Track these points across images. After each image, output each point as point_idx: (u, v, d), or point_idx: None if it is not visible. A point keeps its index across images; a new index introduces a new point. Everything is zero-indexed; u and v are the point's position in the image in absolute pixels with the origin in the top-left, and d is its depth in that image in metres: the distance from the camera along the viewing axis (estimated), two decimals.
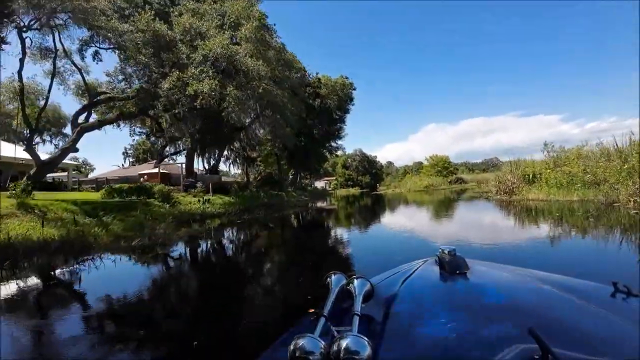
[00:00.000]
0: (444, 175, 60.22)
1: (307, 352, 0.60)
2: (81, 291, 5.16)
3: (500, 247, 6.51)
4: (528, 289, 1.02)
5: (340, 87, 32.79)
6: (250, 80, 14.82)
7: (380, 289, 0.96)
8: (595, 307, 0.85)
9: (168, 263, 7.05)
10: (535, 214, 11.28)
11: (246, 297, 4.63)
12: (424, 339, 0.74)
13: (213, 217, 16.52)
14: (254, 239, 10.21)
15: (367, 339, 0.60)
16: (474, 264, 1.17)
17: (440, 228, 10.01)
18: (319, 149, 35.84)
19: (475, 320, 0.81)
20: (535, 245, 6.54)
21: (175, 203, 17.67)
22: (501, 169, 25.38)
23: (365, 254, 6.96)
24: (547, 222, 9.28)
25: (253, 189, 28.78)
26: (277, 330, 1.03)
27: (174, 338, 3.27)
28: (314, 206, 24.65)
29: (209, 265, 7.11)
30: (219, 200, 20.56)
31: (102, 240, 9.45)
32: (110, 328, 3.61)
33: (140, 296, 4.69)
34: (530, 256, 5.65)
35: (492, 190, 23.25)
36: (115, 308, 4.21)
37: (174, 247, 8.75)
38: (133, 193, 17.28)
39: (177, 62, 13.91)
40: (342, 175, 70.51)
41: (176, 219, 14.78)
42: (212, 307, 4.21)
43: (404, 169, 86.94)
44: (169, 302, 4.57)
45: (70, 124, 19.64)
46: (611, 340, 0.70)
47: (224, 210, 18.25)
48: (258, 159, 43.85)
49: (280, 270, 6.21)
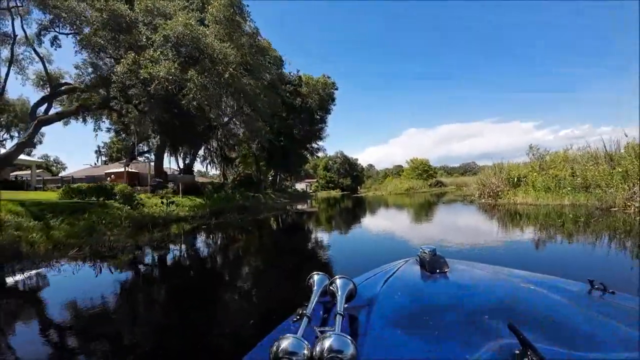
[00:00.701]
0: (424, 178, 60.35)
1: (291, 352, 0.58)
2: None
3: (492, 250, 5.96)
4: (507, 287, 1.04)
5: (322, 86, 31.63)
6: (216, 64, 13.30)
7: (362, 289, 0.95)
8: (572, 303, 0.87)
9: (101, 280, 5.51)
10: (528, 219, 10.48)
11: (191, 335, 3.27)
12: (407, 337, 0.75)
13: (178, 221, 14.83)
14: (218, 250, 8.70)
15: (350, 338, 0.60)
16: (454, 263, 1.20)
17: (426, 233, 8.99)
18: (300, 149, 34.52)
19: (456, 317, 0.82)
20: (539, 255, 5.69)
21: (137, 205, 15.93)
22: (483, 172, 24.97)
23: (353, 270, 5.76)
24: (544, 227, 8.44)
25: (229, 190, 27.14)
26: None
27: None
28: (294, 209, 23.25)
29: (154, 287, 5.62)
30: (188, 202, 18.86)
31: (39, 248, 8.02)
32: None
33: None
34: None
35: (474, 193, 22.81)
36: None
37: (121, 257, 7.17)
38: (93, 193, 15.66)
39: (135, 44, 12.17)
40: (324, 177, 70.27)
41: (135, 223, 13.10)
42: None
43: (385, 171, 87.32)
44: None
45: (29, 117, 17.79)
46: (587, 334, 0.72)
47: (192, 213, 16.58)
48: (237, 159, 42.19)
49: (244, 295, 4.86)
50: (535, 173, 16.86)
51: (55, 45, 16.13)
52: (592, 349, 0.65)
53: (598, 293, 0.95)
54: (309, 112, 31.53)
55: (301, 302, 0.85)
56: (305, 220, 16.39)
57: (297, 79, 29.76)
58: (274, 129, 29.76)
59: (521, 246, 6.48)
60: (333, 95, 32.98)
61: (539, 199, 14.42)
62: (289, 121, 30.79)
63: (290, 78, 29.57)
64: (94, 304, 4.26)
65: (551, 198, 14.02)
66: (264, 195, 29.07)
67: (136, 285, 5.45)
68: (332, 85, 32.39)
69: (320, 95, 31.25)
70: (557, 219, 9.66)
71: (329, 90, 32.50)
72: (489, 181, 19.80)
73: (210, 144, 37.50)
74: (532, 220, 10.06)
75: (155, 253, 7.96)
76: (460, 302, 0.91)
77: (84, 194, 15.56)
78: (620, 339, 0.71)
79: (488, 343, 0.66)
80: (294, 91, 28.76)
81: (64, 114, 20.00)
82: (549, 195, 14.34)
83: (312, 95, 30.87)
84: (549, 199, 14.07)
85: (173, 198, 19.51)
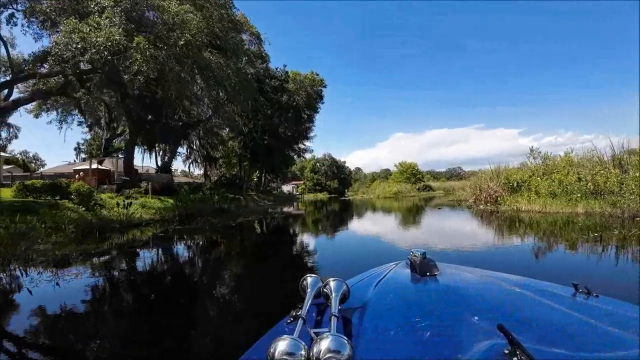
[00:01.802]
0: (412, 182, 59.49)
1: (288, 353, 0.58)
2: None
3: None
4: (496, 289, 1.06)
5: (310, 82, 29.89)
6: (173, 31, 11.13)
7: (355, 291, 0.95)
8: (558, 305, 0.89)
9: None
10: (551, 231, 9.01)
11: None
12: (399, 338, 0.75)
13: (140, 225, 12.77)
14: (172, 269, 6.67)
15: (347, 338, 0.60)
16: (444, 267, 1.20)
17: (436, 252, 7.33)
18: (286, 149, 32.65)
19: (446, 318, 0.84)
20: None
21: (95, 206, 13.85)
22: (477, 176, 23.76)
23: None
24: (580, 241, 6.98)
25: (207, 192, 25.06)
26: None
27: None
28: (278, 212, 21.35)
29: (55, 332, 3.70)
30: (158, 203, 16.78)
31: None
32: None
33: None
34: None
35: (467, 198, 21.64)
36: None
37: (31, 280, 5.19)
38: (47, 191, 13.73)
39: (84, 11, 10.09)
40: (311, 179, 69.20)
41: (84, 228, 11.07)
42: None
43: (373, 175, 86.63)
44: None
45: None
46: (572, 334, 0.74)
47: (158, 216, 14.53)
48: (220, 159, 40.10)
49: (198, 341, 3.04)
50: (538, 178, 15.65)
51: (11, 24, 14.09)
52: (577, 349, 0.66)
53: (582, 296, 0.98)
54: (295, 110, 29.75)
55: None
56: (289, 226, 14.57)
57: (284, 74, 27.87)
58: (258, 126, 27.84)
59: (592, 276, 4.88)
60: (321, 93, 31.26)
61: (546, 205, 13.10)
62: (274, 119, 28.94)
63: (275, 73, 27.69)
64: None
65: (560, 205, 12.71)
66: (246, 197, 27.07)
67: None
68: (321, 83, 30.67)
69: (308, 93, 29.49)
70: (586, 231, 8.17)
71: (317, 88, 30.79)
72: (486, 185, 18.53)
73: (192, 142, 35.31)
74: (558, 233, 8.56)
75: (90, 271, 5.97)
76: (450, 304, 0.92)
77: (38, 192, 13.59)
78: (603, 339, 0.73)
79: (478, 343, 0.67)
80: (279, 87, 26.82)
81: (20, 101, 17.84)
82: (556, 202, 13.05)
83: (299, 92, 29.10)
84: (557, 206, 12.76)
85: (141, 199, 17.44)
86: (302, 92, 29.30)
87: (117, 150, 31.42)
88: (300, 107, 29.96)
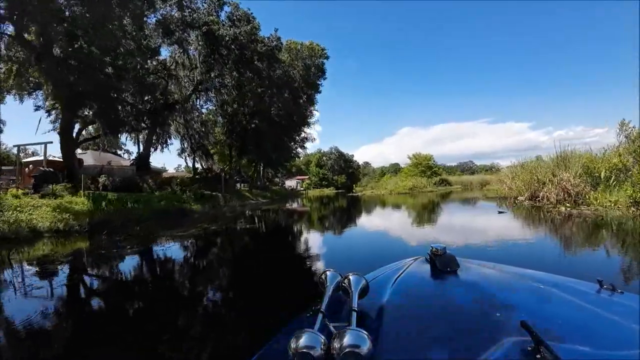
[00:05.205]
0: (427, 176, 53.42)
1: (309, 346, 0.59)
2: None
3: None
4: (517, 286, 1.03)
5: (308, 52, 24.15)
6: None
7: (373, 286, 0.94)
8: (582, 302, 0.86)
9: None
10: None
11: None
12: (419, 334, 0.75)
13: (20, 241, 7.52)
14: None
15: (367, 333, 0.60)
16: (464, 262, 1.18)
17: None
18: (280, 135, 26.96)
19: (468, 315, 0.83)
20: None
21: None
22: (524, 167, 17.87)
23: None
24: None
25: (176, 187, 19.92)
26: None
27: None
28: (263, 213, 15.97)
29: None
30: (80, 205, 11.57)
31: None
32: None
33: None
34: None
35: (513, 195, 16.07)
36: None
37: None
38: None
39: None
40: (316, 174, 64.45)
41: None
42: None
43: (382, 169, 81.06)
44: None
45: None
46: (597, 331, 0.73)
47: (62, 224, 9.32)
48: (212, 151, 35.36)
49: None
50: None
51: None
52: (602, 347, 0.65)
53: (607, 292, 0.95)
54: (291, 87, 24.16)
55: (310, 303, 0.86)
56: (258, 246, 9.17)
57: (276, 39, 21.99)
58: (245, 107, 22.36)
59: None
60: (322, 66, 25.44)
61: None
62: (265, 98, 23.42)
63: (264, 39, 21.92)
64: None
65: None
66: (228, 195, 21.76)
67: None
68: (322, 53, 24.81)
69: (306, 64, 23.79)
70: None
71: (317, 60, 25.03)
72: (559, 178, 12.76)
73: (178, 129, 30.34)
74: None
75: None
76: (471, 300, 0.91)
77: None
78: (628, 337, 0.71)
79: (501, 340, 0.66)
80: (270, 54, 20.98)
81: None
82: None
83: (295, 64, 23.46)
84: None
85: (67, 197, 12.35)
86: (299, 64, 23.64)
87: (89, 139, 26.56)
88: (297, 84, 24.39)
